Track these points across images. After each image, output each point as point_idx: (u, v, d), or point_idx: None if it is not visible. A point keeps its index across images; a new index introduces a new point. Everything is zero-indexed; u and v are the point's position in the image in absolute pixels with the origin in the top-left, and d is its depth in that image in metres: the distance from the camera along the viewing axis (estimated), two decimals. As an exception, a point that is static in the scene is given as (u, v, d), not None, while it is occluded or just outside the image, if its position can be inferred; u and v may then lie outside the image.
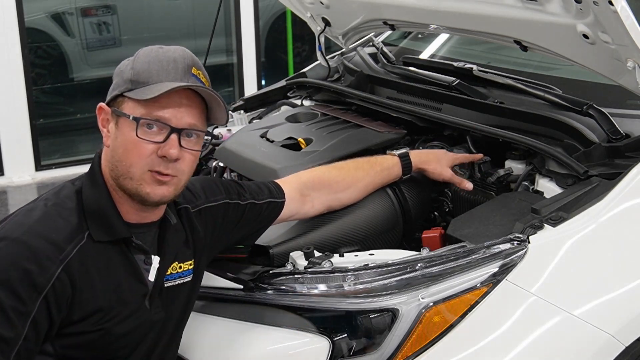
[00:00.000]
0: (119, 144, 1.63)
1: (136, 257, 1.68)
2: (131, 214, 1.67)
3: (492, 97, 2.63)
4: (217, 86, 6.34)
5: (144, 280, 1.68)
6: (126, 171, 1.62)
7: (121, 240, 1.65)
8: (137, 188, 1.62)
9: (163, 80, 1.62)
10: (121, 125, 1.63)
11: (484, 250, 1.85)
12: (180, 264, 1.78)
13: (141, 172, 1.61)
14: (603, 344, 1.77)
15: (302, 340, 1.83)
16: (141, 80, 1.63)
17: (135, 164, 1.61)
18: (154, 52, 1.67)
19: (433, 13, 2.60)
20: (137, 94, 1.61)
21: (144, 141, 1.60)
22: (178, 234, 1.78)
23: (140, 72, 1.63)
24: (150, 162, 1.61)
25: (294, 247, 2.05)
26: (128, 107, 1.63)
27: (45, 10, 5.86)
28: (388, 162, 2.26)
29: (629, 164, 2.03)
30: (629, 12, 1.89)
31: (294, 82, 3.31)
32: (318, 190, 2.12)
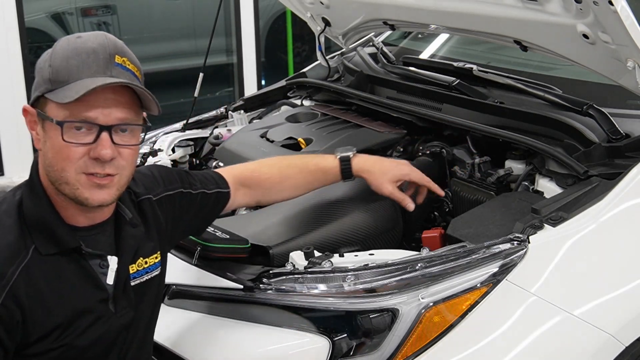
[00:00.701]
0: (48, 148, 1.52)
1: (91, 263, 1.58)
2: (78, 217, 1.57)
3: (492, 97, 2.63)
4: (217, 86, 6.35)
5: (101, 285, 1.59)
6: (59, 176, 1.51)
7: (70, 249, 1.55)
8: (74, 192, 1.52)
9: (83, 76, 1.49)
10: (47, 128, 1.51)
11: (484, 250, 1.85)
12: (146, 259, 1.70)
13: (75, 176, 1.51)
14: (603, 344, 1.77)
15: (302, 340, 1.83)
16: (60, 79, 1.49)
17: (67, 168, 1.50)
18: (71, 44, 1.52)
19: (433, 13, 2.60)
20: (57, 96, 1.48)
21: (72, 144, 1.49)
22: (136, 229, 1.68)
23: (59, 69, 1.49)
24: (84, 165, 1.50)
25: (294, 247, 2.05)
26: (51, 109, 1.50)
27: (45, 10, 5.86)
28: (326, 163, 2.14)
29: (629, 164, 2.03)
30: (629, 12, 1.89)
31: (294, 82, 3.31)
32: (248, 185, 2.07)
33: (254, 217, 2.41)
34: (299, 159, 2.21)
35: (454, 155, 2.52)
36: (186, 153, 2.97)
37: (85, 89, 1.46)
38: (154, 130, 3.09)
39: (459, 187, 2.43)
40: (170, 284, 2.05)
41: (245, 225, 2.24)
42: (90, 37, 1.54)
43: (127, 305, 1.64)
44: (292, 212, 2.30)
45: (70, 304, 1.54)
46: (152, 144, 2.92)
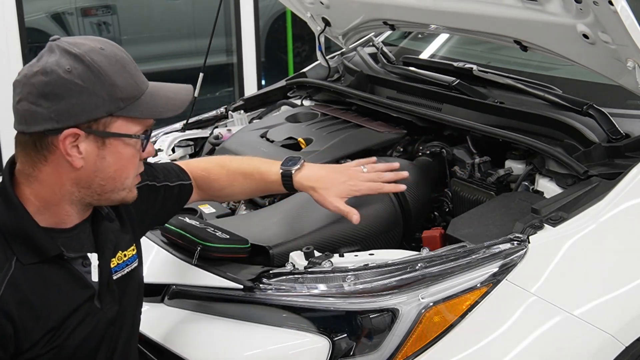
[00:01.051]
0: (109, 163, 1.55)
1: (73, 264, 1.59)
2: (71, 218, 1.59)
3: (492, 97, 2.63)
4: (217, 86, 6.35)
5: (87, 284, 1.60)
6: (121, 184, 1.59)
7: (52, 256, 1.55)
8: (126, 196, 1.61)
9: (142, 87, 1.56)
10: (113, 144, 1.54)
11: (484, 250, 1.85)
12: (124, 252, 1.72)
13: (133, 180, 1.62)
14: (603, 344, 1.77)
15: (302, 340, 1.83)
16: (130, 95, 1.53)
17: (130, 175, 1.60)
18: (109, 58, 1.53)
19: (433, 13, 2.60)
20: (141, 112, 1.55)
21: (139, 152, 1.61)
22: (112, 224, 1.71)
23: (124, 87, 1.52)
24: (139, 168, 1.64)
25: (294, 247, 2.04)
26: (120, 125, 1.53)
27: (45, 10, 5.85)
28: (270, 175, 2.07)
29: (629, 164, 2.03)
30: (629, 12, 1.89)
31: (294, 82, 3.31)
32: (198, 185, 2.07)
33: (254, 217, 2.41)
34: (248, 164, 2.13)
35: (454, 155, 2.52)
36: (186, 153, 2.97)
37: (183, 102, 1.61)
38: (154, 130, 3.09)
39: (459, 187, 2.43)
40: (170, 284, 2.05)
41: (245, 225, 2.24)
42: (110, 46, 1.56)
43: (111, 300, 1.65)
44: (292, 212, 2.30)
45: (59, 308, 1.54)
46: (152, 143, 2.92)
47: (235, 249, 2.03)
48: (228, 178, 2.09)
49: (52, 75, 1.48)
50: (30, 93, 1.49)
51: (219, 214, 2.43)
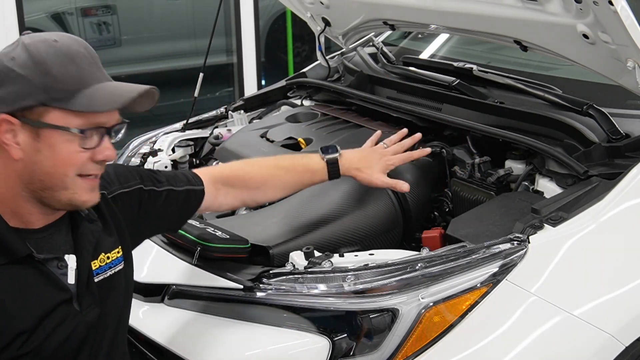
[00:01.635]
0: (44, 157, 1.47)
1: (48, 266, 1.54)
2: (36, 218, 1.54)
3: (492, 97, 2.63)
4: (217, 86, 6.34)
5: (63, 286, 1.56)
6: (60, 182, 1.49)
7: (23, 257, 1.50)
8: (71, 197, 1.51)
9: (91, 82, 1.48)
10: (47, 136, 1.47)
11: (484, 250, 1.85)
12: (107, 254, 1.67)
13: (74, 179, 1.50)
14: (603, 344, 1.77)
15: (302, 340, 1.83)
16: (68, 88, 1.46)
17: (69, 173, 1.50)
18: (58, 49, 1.48)
19: (433, 13, 2.60)
20: (78, 105, 1.46)
21: (82, 150, 1.49)
22: (93, 225, 1.65)
23: (60, 78, 1.46)
24: (85, 168, 1.51)
25: (294, 247, 2.05)
26: (56, 117, 1.46)
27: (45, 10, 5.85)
28: (313, 164, 2.13)
29: (629, 164, 2.03)
30: (629, 12, 1.89)
31: (294, 82, 3.31)
32: (232, 185, 2.04)
33: (254, 217, 2.41)
34: (287, 158, 2.20)
35: (454, 155, 2.51)
36: (186, 153, 2.97)
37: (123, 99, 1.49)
38: (154, 130, 3.09)
39: (459, 187, 2.43)
40: (170, 284, 2.05)
41: (245, 225, 2.24)
42: (66, 39, 1.51)
43: (92, 303, 1.61)
44: (292, 212, 2.30)
45: (32, 309, 1.51)
46: (152, 144, 2.93)
47: (235, 249, 2.03)
48: (268, 174, 2.09)
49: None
50: None
51: (219, 214, 2.43)
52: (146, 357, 2.04)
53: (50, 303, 1.53)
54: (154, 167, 2.79)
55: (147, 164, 2.79)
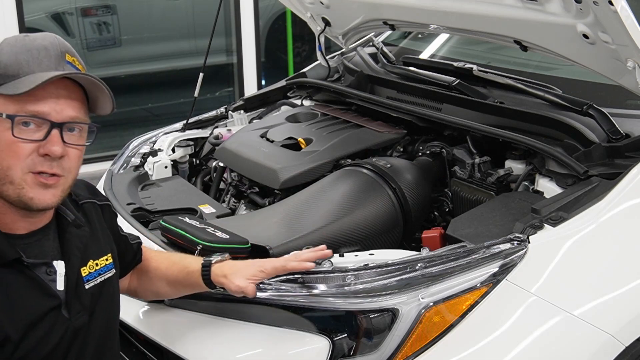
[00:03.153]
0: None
1: (36, 272, 1.52)
2: (18, 224, 1.52)
3: (492, 97, 2.63)
4: (217, 86, 6.34)
5: (52, 293, 1.53)
6: (4, 175, 1.46)
7: (10, 261, 1.48)
8: (18, 193, 1.46)
9: (35, 70, 1.46)
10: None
11: (484, 250, 1.85)
12: (96, 260, 1.65)
13: (22, 174, 1.46)
14: (603, 344, 1.77)
15: (302, 340, 1.83)
16: (10, 73, 1.46)
17: (13, 166, 1.45)
18: (20, 42, 1.49)
19: (433, 13, 2.60)
20: (7, 88, 1.45)
21: (21, 140, 1.44)
22: (80, 230, 1.63)
23: (8, 64, 1.46)
24: (31, 162, 1.46)
25: (294, 247, 2.04)
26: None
27: (45, 10, 5.85)
28: (192, 265, 1.87)
29: (629, 164, 2.03)
30: (629, 12, 1.89)
31: (294, 82, 3.32)
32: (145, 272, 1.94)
33: (254, 217, 2.41)
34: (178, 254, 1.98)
35: (454, 155, 2.52)
36: (186, 153, 2.97)
37: (40, 80, 1.43)
38: (154, 130, 3.09)
39: (459, 187, 2.43)
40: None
41: (245, 225, 2.24)
42: (39, 35, 1.52)
43: (81, 309, 1.59)
44: (292, 212, 2.30)
45: (20, 316, 1.48)
46: (152, 144, 2.93)
47: (235, 249, 2.03)
48: (159, 260, 1.94)
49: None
50: None
51: (219, 214, 2.43)
52: (146, 357, 2.04)
53: (40, 310, 1.51)
54: (154, 167, 2.79)
55: (147, 164, 2.79)
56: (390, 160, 2.51)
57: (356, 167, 2.47)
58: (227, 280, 1.77)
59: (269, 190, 2.60)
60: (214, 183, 2.86)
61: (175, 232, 2.10)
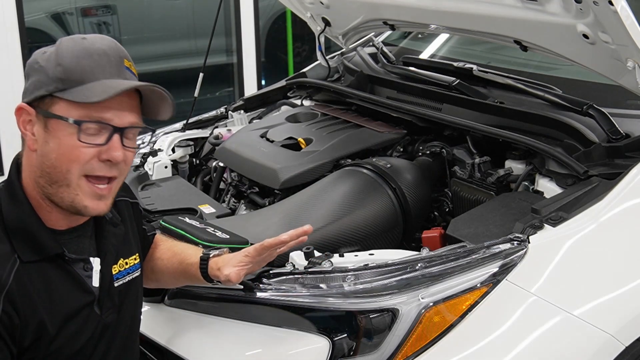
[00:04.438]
0: (50, 148, 1.48)
1: (74, 267, 1.56)
2: (61, 221, 1.55)
3: (492, 97, 2.63)
4: (217, 86, 6.35)
5: (88, 289, 1.57)
6: (62, 178, 1.49)
7: (53, 255, 1.52)
8: (73, 199, 1.50)
9: (99, 77, 1.49)
10: (53, 128, 1.48)
11: (484, 250, 1.85)
12: (126, 259, 1.68)
13: (78, 179, 1.49)
14: (603, 344, 1.77)
15: (302, 340, 1.83)
16: (74, 78, 1.48)
17: (72, 169, 1.49)
18: (79, 45, 1.51)
19: (433, 13, 2.60)
20: (75, 95, 1.47)
21: (84, 145, 1.48)
22: (116, 228, 1.67)
23: (71, 69, 1.48)
24: (90, 167, 1.50)
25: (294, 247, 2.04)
26: (61, 108, 1.48)
27: (45, 10, 5.85)
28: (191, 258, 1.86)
29: (629, 164, 2.03)
30: (629, 12, 1.89)
31: (294, 82, 3.32)
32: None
33: (254, 217, 2.41)
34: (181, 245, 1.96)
35: (454, 155, 2.52)
36: (186, 153, 2.97)
37: (113, 91, 1.47)
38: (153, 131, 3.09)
39: (459, 187, 2.43)
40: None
41: (245, 225, 2.24)
42: (96, 39, 1.54)
43: (111, 307, 1.62)
44: (292, 212, 2.30)
45: (59, 310, 1.52)
46: (152, 144, 2.93)
47: (235, 249, 2.03)
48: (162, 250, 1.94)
49: (32, 57, 1.54)
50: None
51: (219, 214, 2.43)
52: (146, 357, 2.04)
53: (76, 305, 1.55)
54: (154, 167, 2.79)
55: (147, 164, 2.79)
56: (390, 160, 2.51)
57: (356, 167, 2.47)
58: (219, 272, 1.78)
59: (269, 190, 2.60)
60: (214, 183, 2.86)
61: (175, 232, 2.10)
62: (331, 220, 2.22)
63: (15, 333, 1.46)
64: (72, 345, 1.54)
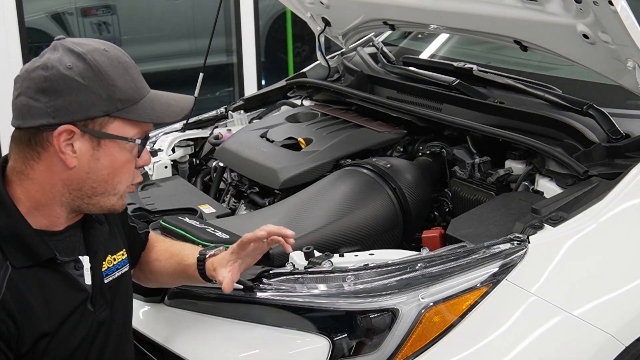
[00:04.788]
0: (102, 165, 1.52)
1: (66, 267, 1.57)
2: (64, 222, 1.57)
3: (492, 97, 2.63)
4: (217, 86, 6.34)
5: (81, 287, 1.59)
6: (112, 189, 1.55)
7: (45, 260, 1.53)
8: (115, 203, 1.57)
9: (143, 92, 1.54)
10: (108, 146, 1.51)
11: (484, 250, 1.84)
12: (114, 256, 1.70)
13: (126, 186, 1.58)
14: (603, 344, 1.77)
15: (302, 340, 1.83)
16: (130, 97, 1.51)
17: (124, 181, 1.57)
18: (112, 59, 1.51)
19: (433, 13, 2.60)
20: (139, 115, 1.52)
21: (135, 158, 1.57)
22: (102, 226, 1.69)
23: (125, 88, 1.50)
24: (131, 176, 1.59)
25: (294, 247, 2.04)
26: (117, 127, 1.51)
27: (45, 10, 5.85)
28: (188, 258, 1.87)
29: (629, 164, 2.03)
30: (629, 12, 1.89)
31: (294, 82, 3.32)
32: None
33: (254, 217, 2.41)
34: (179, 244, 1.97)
35: (454, 155, 2.52)
36: (186, 153, 2.97)
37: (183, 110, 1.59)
38: (154, 130, 3.09)
39: (459, 187, 2.43)
40: (170, 284, 2.05)
41: (245, 225, 2.23)
42: (114, 49, 1.55)
43: (104, 303, 1.64)
44: (292, 212, 2.30)
45: (55, 311, 1.53)
46: (152, 144, 2.93)
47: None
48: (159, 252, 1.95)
49: (52, 71, 1.46)
50: (29, 87, 1.48)
51: (219, 214, 2.43)
52: (146, 357, 2.04)
53: (71, 304, 1.56)
54: (154, 167, 2.79)
55: (146, 164, 2.79)
56: (390, 160, 2.51)
57: (356, 167, 2.47)
58: (215, 273, 1.79)
59: (269, 190, 2.60)
60: (214, 183, 2.86)
61: (175, 232, 2.10)
62: (331, 220, 2.22)
63: (11, 341, 1.46)
64: (69, 344, 1.55)
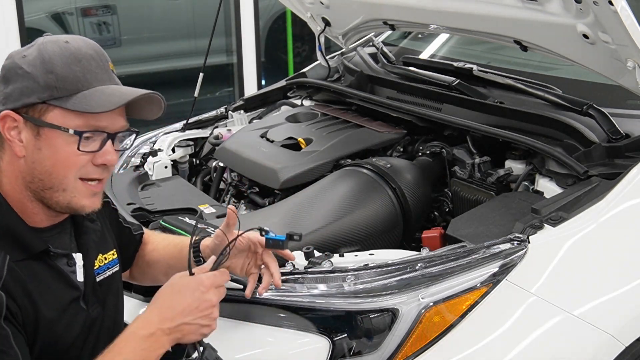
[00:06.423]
0: (45, 156, 1.48)
1: (59, 263, 1.57)
2: (45, 220, 1.56)
3: (492, 97, 2.63)
4: (217, 86, 6.34)
5: (74, 284, 1.58)
6: (59, 183, 1.50)
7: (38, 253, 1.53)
8: (70, 201, 1.52)
9: (93, 84, 1.49)
10: (48, 136, 1.47)
11: (484, 250, 1.85)
12: (105, 255, 1.70)
13: (74, 183, 1.51)
14: (603, 344, 1.77)
15: (302, 340, 1.82)
16: (68, 86, 1.47)
17: (69, 175, 1.50)
18: (66, 49, 1.49)
19: (433, 13, 2.60)
20: (75, 104, 1.46)
21: (82, 153, 1.49)
22: (93, 224, 1.68)
23: (64, 76, 1.46)
24: (85, 171, 1.52)
25: (294, 247, 2.04)
26: (56, 116, 1.47)
27: (45, 10, 5.85)
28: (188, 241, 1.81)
29: (629, 164, 2.03)
30: (629, 12, 1.89)
31: (294, 82, 3.32)
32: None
33: (254, 217, 2.41)
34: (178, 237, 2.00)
35: (454, 155, 2.52)
36: (186, 153, 2.97)
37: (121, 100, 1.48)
38: (154, 130, 3.09)
39: (459, 187, 2.43)
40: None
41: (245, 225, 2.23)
42: (79, 42, 1.53)
43: (96, 301, 1.64)
44: (292, 212, 2.30)
45: (51, 305, 1.52)
46: (152, 144, 2.93)
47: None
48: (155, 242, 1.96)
49: (9, 60, 1.51)
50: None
51: (219, 214, 2.43)
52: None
53: (65, 300, 1.57)
54: (154, 167, 2.79)
55: (147, 164, 2.79)
56: (390, 160, 2.51)
57: (356, 167, 2.47)
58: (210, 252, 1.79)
59: (269, 190, 2.60)
60: (214, 183, 2.86)
61: (175, 233, 2.10)
62: (331, 220, 2.22)
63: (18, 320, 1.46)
64: (64, 340, 1.55)
